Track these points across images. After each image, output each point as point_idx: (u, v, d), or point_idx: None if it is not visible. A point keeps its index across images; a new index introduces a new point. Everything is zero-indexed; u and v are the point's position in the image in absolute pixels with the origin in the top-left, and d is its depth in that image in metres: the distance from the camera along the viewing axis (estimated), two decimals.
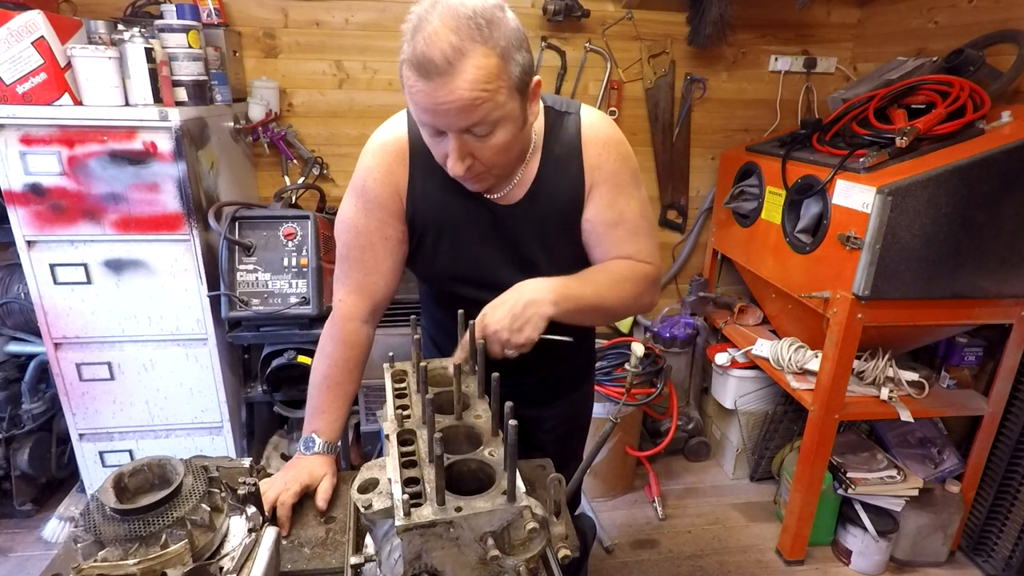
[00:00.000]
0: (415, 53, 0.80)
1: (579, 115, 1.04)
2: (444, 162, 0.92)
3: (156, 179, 1.76)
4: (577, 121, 1.03)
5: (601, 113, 1.07)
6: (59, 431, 2.19)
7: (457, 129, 0.86)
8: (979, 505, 2.09)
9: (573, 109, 1.05)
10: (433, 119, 0.86)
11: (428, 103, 0.83)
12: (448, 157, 0.89)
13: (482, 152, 0.89)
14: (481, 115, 0.84)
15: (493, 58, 0.81)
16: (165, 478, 0.70)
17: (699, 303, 2.64)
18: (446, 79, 0.80)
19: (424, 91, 0.82)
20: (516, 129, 0.91)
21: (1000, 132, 1.66)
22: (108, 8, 2.09)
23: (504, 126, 0.88)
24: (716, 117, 2.62)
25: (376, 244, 1.06)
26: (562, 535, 0.75)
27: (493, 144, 0.89)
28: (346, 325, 1.09)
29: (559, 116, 1.04)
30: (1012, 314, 1.82)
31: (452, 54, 0.79)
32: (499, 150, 0.90)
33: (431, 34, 0.79)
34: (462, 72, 0.80)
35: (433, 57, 0.79)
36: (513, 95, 0.86)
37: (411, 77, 0.82)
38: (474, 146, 0.88)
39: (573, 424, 1.38)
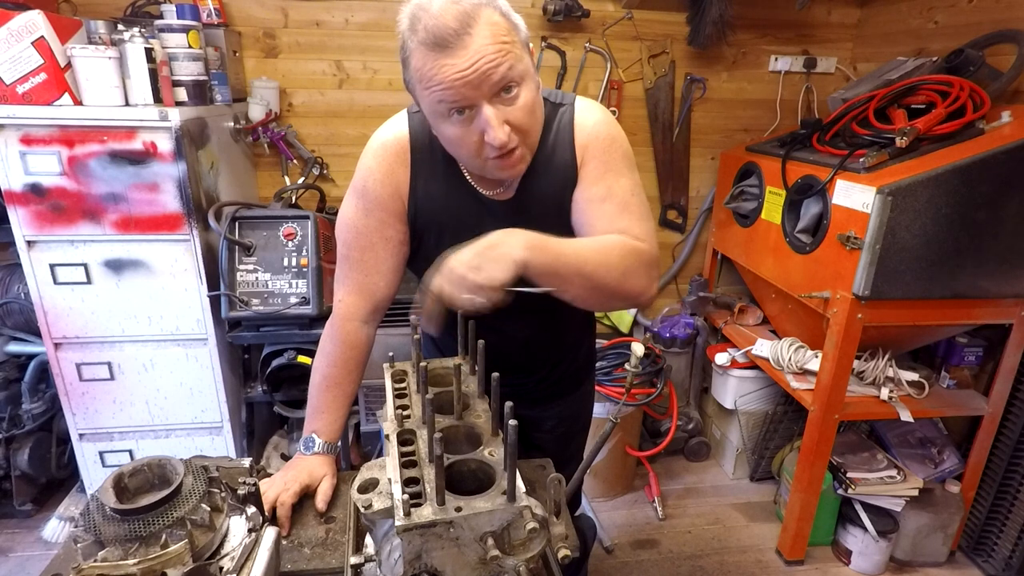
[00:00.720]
0: (427, 33, 0.81)
1: (573, 106, 1.04)
2: (475, 152, 0.90)
3: (156, 179, 1.76)
4: (571, 112, 1.03)
5: (594, 102, 1.07)
6: (59, 431, 2.19)
7: (489, 93, 0.85)
8: (979, 505, 2.09)
9: (567, 101, 1.05)
10: (463, 92, 0.83)
11: (454, 75, 0.82)
12: (487, 132, 0.87)
13: (515, 115, 0.89)
14: (507, 68, 0.84)
15: (499, 15, 0.85)
16: (165, 478, 0.70)
17: (699, 303, 2.64)
18: (466, 41, 0.81)
19: (448, 64, 0.82)
20: (535, 88, 0.92)
21: (1000, 132, 1.66)
22: (108, 8, 2.09)
23: (527, 83, 0.89)
24: (716, 117, 2.62)
25: (376, 244, 1.06)
26: (562, 535, 0.75)
27: (523, 104, 0.89)
28: (346, 325, 1.09)
29: (554, 108, 1.04)
30: (1012, 314, 1.82)
31: (465, 18, 0.81)
32: (528, 111, 0.90)
33: (438, 11, 0.81)
34: (479, 30, 0.82)
35: (448, 25, 0.81)
36: (525, 50, 0.89)
37: (428, 59, 0.83)
38: (506, 111, 0.88)
39: (573, 424, 1.38)
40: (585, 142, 1.02)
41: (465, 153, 0.93)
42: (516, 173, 0.97)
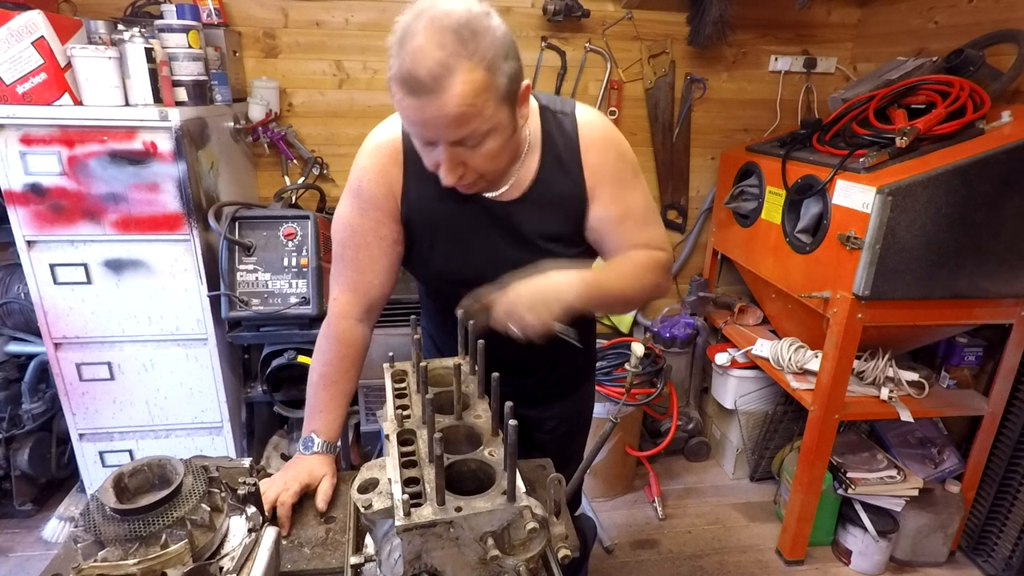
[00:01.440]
0: (401, 70, 0.80)
1: (574, 115, 1.04)
2: (435, 169, 0.93)
3: (156, 179, 1.76)
4: (573, 122, 1.04)
5: (595, 111, 1.07)
6: (59, 431, 2.19)
7: (447, 141, 0.87)
8: (979, 505, 2.09)
9: (568, 109, 1.05)
10: (422, 132, 0.87)
11: (416, 118, 0.84)
12: (440, 167, 0.90)
13: (473, 160, 0.90)
14: (470, 129, 0.85)
15: (479, 72, 0.81)
16: (165, 478, 0.70)
17: (699, 303, 2.64)
18: (433, 96, 0.80)
19: (411, 107, 0.83)
20: (506, 136, 0.91)
21: (1000, 132, 1.66)
22: (108, 8, 2.09)
23: (494, 135, 0.89)
24: (716, 117, 2.62)
25: (371, 243, 1.06)
26: (562, 535, 0.75)
27: (484, 152, 0.89)
28: (341, 323, 1.10)
29: (554, 116, 1.04)
30: (1012, 314, 1.82)
31: (438, 70, 0.79)
32: (490, 158, 0.91)
33: (416, 50, 0.79)
34: (449, 88, 0.80)
35: (419, 75, 0.79)
36: (501, 106, 0.87)
37: (398, 93, 0.83)
38: (465, 155, 0.89)
39: (573, 424, 1.38)
40: (597, 165, 1.03)
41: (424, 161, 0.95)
42: (473, 191, 0.99)
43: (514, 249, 1.05)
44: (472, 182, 0.94)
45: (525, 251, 1.05)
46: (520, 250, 1.05)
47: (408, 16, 0.82)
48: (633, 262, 1.06)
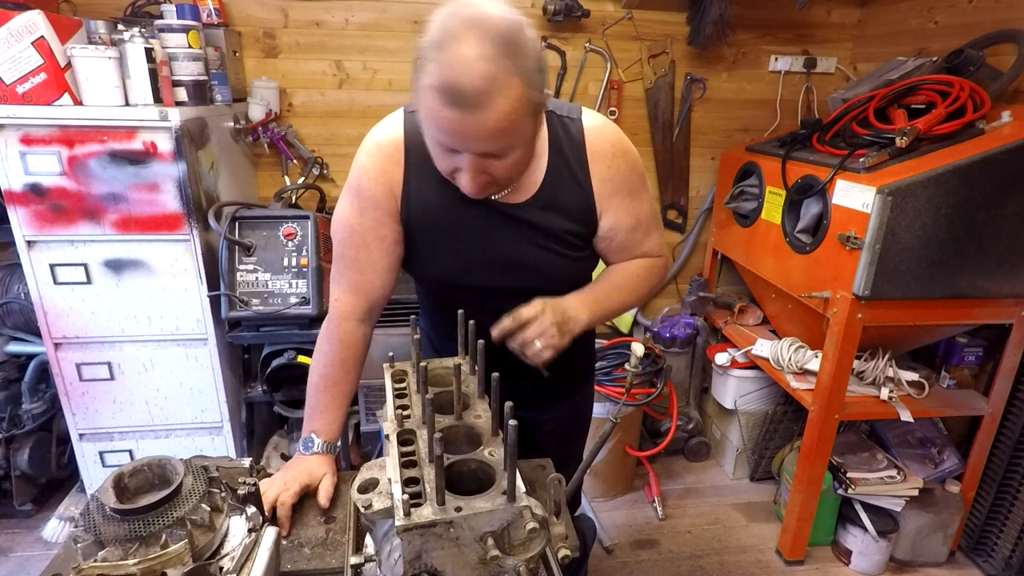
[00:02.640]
0: (445, 80, 0.77)
1: (581, 121, 1.04)
2: (450, 174, 0.93)
3: (156, 179, 1.76)
4: (580, 127, 1.04)
5: (603, 118, 1.07)
6: (59, 431, 2.19)
7: (477, 153, 0.86)
8: (979, 505, 2.09)
9: (575, 115, 1.05)
10: (453, 143, 0.85)
11: (453, 130, 0.82)
12: (462, 174, 0.89)
13: (496, 169, 0.90)
14: (505, 143, 0.85)
15: (520, 88, 0.80)
16: (165, 478, 0.70)
17: (699, 303, 2.64)
18: (475, 111, 0.78)
19: (450, 119, 0.80)
20: (530, 146, 0.92)
21: (1000, 132, 1.66)
22: (108, 8, 2.09)
23: (520, 147, 0.89)
24: (716, 117, 2.62)
25: (371, 243, 1.06)
26: (562, 535, 0.75)
27: (508, 163, 0.89)
28: (342, 324, 1.09)
29: (561, 120, 1.04)
30: (1012, 314, 1.82)
31: (485, 86, 0.77)
32: (512, 167, 0.91)
33: (462, 60, 0.76)
34: (493, 105, 0.78)
35: (465, 88, 0.77)
36: (531, 118, 0.87)
37: (435, 101, 0.79)
38: (489, 165, 0.88)
39: (573, 425, 1.38)
40: (607, 175, 1.04)
41: (438, 166, 0.95)
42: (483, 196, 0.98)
43: (516, 252, 1.05)
44: (487, 186, 0.94)
45: (528, 254, 1.05)
46: (522, 253, 1.05)
47: (448, 18, 0.79)
48: (630, 274, 1.12)
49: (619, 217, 1.07)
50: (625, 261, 1.14)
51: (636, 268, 1.13)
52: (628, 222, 1.08)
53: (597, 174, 1.04)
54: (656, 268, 1.15)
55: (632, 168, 1.07)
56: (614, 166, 1.04)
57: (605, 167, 1.04)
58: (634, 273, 1.12)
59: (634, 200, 1.07)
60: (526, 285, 1.05)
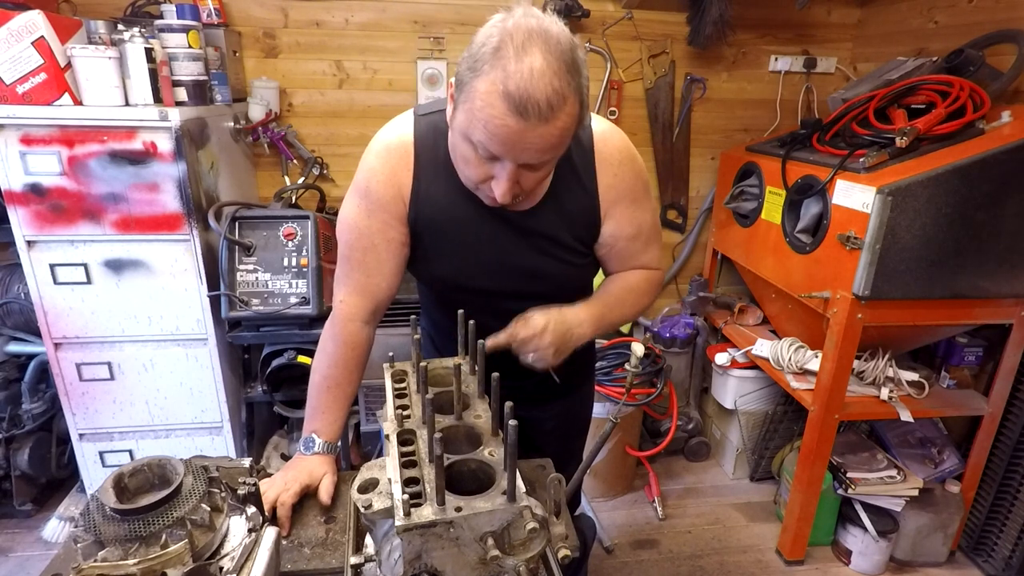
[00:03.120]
0: (516, 87, 0.76)
1: (591, 127, 1.04)
2: (477, 183, 0.91)
3: (156, 179, 1.76)
4: (589, 134, 1.03)
5: (611, 125, 1.07)
6: (59, 431, 2.19)
7: (521, 163, 0.85)
8: (979, 505, 2.09)
9: (585, 120, 1.04)
10: (504, 151, 0.83)
11: (511, 139, 0.80)
12: (496, 183, 0.88)
13: (528, 180, 0.89)
14: (552, 155, 0.86)
15: (577, 106, 0.82)
16: (165, 478, 0.70)
17: (699, 303, 2.64)
18: (541, 124, 0.79)
19: (512, 128, 0.79)
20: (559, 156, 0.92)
21: (1000, 132, 1.66)
22: (108, 8, 2.09)
23: (555, 159, 0.90)
24: (716, 117, 2.62)
25: (378, 246, 1.06)
26: (562, 535, 0.75)
27: (541, 175, 0.90)
28: (347, 326, 1.09)
29: None
30: (1012, 314, 1.82)
31: (556, 100, 0.78)
32: (543, 178, 0.92)
33: (536, 71, 0.76)
34: (557, 120, 0.80)
35: (538, 99, 0.77)
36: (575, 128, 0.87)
37: (499, 106, 0.78)
38: (523, 175, 0.88)
39: (573, 425, 1.38)
40: (612, 182, 1.04)
41: (464, 175, 0.94)
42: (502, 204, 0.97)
43: (523, 257, 1.05)
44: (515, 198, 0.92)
45: (535, 259, 1.05)
46: (530, 258, 1.05)
47: (512, 28, 0.78)
48: (630, 287, 1.13)
49: (621, 224, 1.07)
50: (624, 271, 1.15)
51: (638, 281, 1.14)
52: (629, 230, 1.08)
53: (603, 180, 1.04)
54: (655, 281, 1.17)
55: (637, 176, 1.07)
56: (620, 173, 1.04)
57: (611, 174, 1.04)
58: (636, 287, 1.13)
59: (637, 209, 1.08)
60: (530, 289, 1.06)
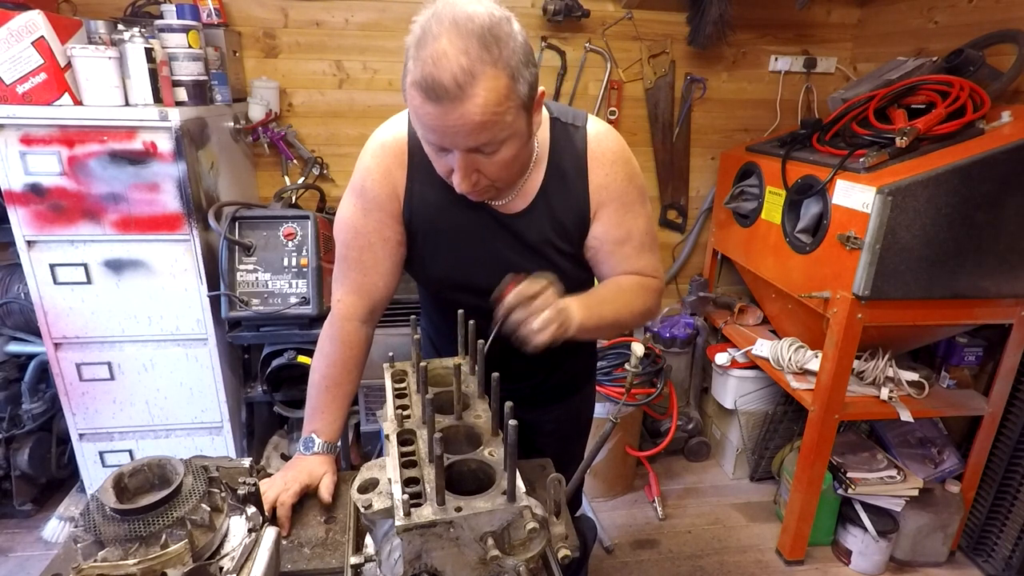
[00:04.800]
0: (423, 75, 0.78)
1: (585, 129, 1.03)
2: (447, 176, 0.92)
3: (156, 179, 1.76)
4: (584, 135, 1.03)
5: (607, 127, 1.06)
6: (59, 431, 2.19)
7: (464, 149, 0.85)
8: (979, 505, 2.09)
9: (580, 122, 1.04)
10: (440, 139, 0.85)
11: (436, 124, 0.82)
12: (454, 174, 0.89)
13: (488, 167, 0.89)
14: (489, 136, 0.83)
15: (503, 79, 0.80)
16: (165, 478, 0.70)
17: (699, 303, 2.64)
18: (456, 104, 0.78)
19: (432, 113, 0.80)
20: (522, 143, 0.90)
21: (1000, 132, 1.66)
22: (108, 8, 2.09)
23: (510, 143, 0.87)
24: (716, 117, 2.62)
25: (375, 245, 1.06)
26: (562, 535, 0.75)
27: (499, 160, 0.88)
28: (345, 325, 1.09)
29: (565, 128, 1.03)
30: (1012, 314, 1.82)
31: (463, 77, 0.77)
32: (504, 165, 0.90)
33: (439, 54, 0.76)
34: (473, 96, 0.78)
35: (443, 80, 0.76)
36: (520, 113, 0.86)
37: (417, 98, 0.80)
38: (480, 162, 0.88)
39: (573, 427, 1.38)
40: (603, 183, 1.02)
41: (435, 167, 0.94)
42: (483, 199, 0.97)
43: (517, 259, 1.05)
44: (484, 188, 0.93)
45: (528, 262, 1.05)
46: (523, 260, 1.05)
47: (428, 17, 0.80)
48: (622, 289, 1.07)
49: (608, 226, 1.04)
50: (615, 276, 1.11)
51: (629, 283, 1.09)
52: (618, 233, 1.05)
53: (594, 180, 1.02)
54: (650, 288, 1.10)
55: (630, 179, 1.05)
56: (611, 173, 1.03)
57: (603, 173, 1.02)
58: (627, 287, 1.08)
59: (628, 213, 1.05)
60: None
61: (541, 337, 0.86)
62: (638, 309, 1.07)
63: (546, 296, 0.88)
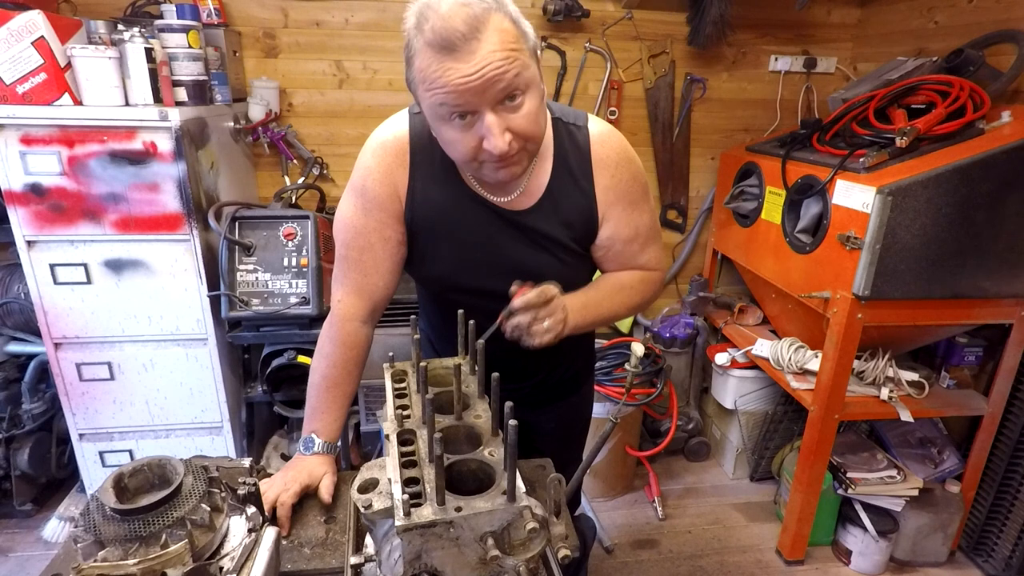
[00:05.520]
0: (434, 34, 0.80)
1: (587, 129, 1.04)
2: (471, 156, 0.89)
3: (156, 179, 1.76)
4: (586, 135, 1.03)
5: (608, 127, 1.07)
6: (59, 431, 2.19)
7: (493, 101, 0.84)
8: (979, 505, 2.09)
9: (581, 122, 1.04)
10: (466, 100, 0.83)
11: (460, 82, 0.81)
12: (487, 139, 0.86)
13: (517, 123, 0.87)
14: (514, 75, 0.83)
15: (509, 22, 0.83)
16: (165, 478, 0.70)
17: (699, 303, 2.64)
18: (473, 46, 0.79)
19: (453, 68, 0.80)
20: (540, 97, 0.90)
21: (1000, 132, 1.66)
22: (108, 8, 2.09)
23: (532, 92, 0.87)
24: (716, 117, 2.62)
25: (375, 244, 1.06)
26: (562, 535, 0.75)
27: (526, 112, 0.87)
28: (345, 326, 1.09)
29: (567, 128, 1.04)
30: (1012, 314, 1.82)
31: (474, 21, 0.79)
32: (532, 118, 0.88)
33: (445, 13, 0.79)
34: (488, 36, 0.80)
35: (457, 27, 0.79)
36: (532, 59, 0.87)
37: (434, 61, 0.81)
38: (509, 119, 0.86)
39: (572, 426, 1.38)
40: (609, 184, 1.04)
41: (461, 156, 0.91)
42: (513, 176, 0.94)
43: (518, 256, 1.05)
44: (517, 153, 0.90)
45: (529, 259, 1.05)
46: (524, 257, 1.05)
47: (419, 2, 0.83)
48: (621, 286, 1.10)
49: (618, 227, 1.07)
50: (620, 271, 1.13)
51: (630, 279, 1.12)
52: (627, 232, 1.08)
53: (600, 182, 1.03)
54: (651, 281, 1.14)
55: (635, 178, 1.06)
56: (617, 175, 1.04)
57: (608, 175, 1.03)
58: (628, 284, 1.11)
59: (635, 211, 1.07)
60: None
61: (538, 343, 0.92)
62: (635, 303, 1.12)
63: (552, 307, 0.91)
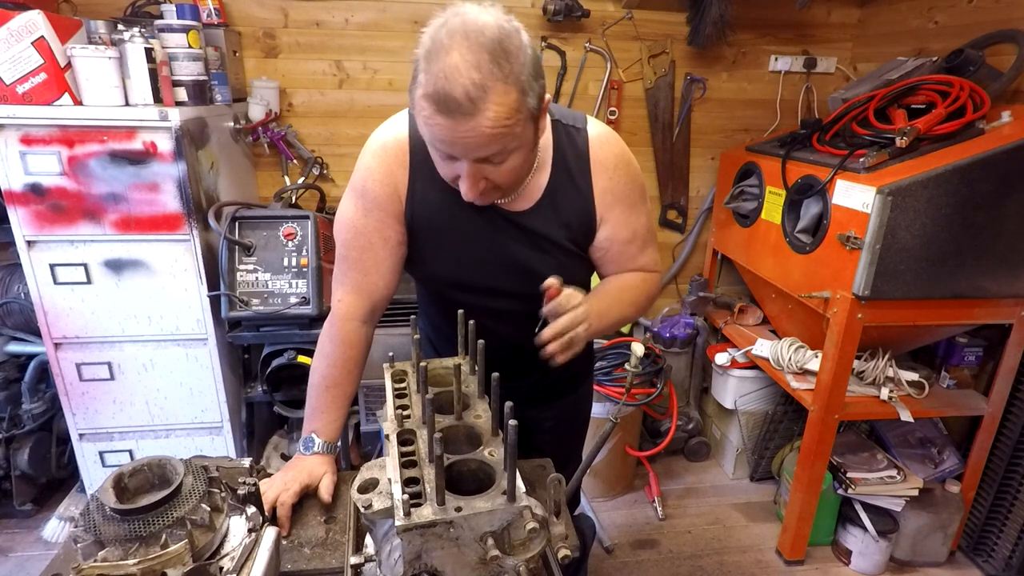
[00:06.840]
0: (435, 88, 0.78)
1: (586, 131, 1.05)
2: (453, 181, 0.93)
3: (156, 179, 1.76)
4: (585, 138, 1.04)
5: (607, 128, 1.08)
6: (59, 431, 2.19)
7: (473, 159, 0.86)
8: (979, 505, 2.09)
9: (580, 124, 1.05)
10: (449, 149, 0.86)
11: (446, 136, 0.83)
12: (461, 181, 0.90)
13: (495, 175, 0.90)
14: (499, 147, 0.85)
15: (513, 94, 0.81)
16: (165, 478, 0.70)
17: (699, 303, 2.64)
18: (467, 117, 0.79)
19: (443, 125, 0.81)
20: (528, 151, 0.92)
21: (1000, 132, 1.66)
22: (108, 8, 2.09)
23: (518, 152, 0.89)
24: (716, 117, 2.62)
25: (375, 244, 1.06)
26: (562, 535, 0.75)
27: (506, 168, 0.90)
28: (345, 325, 1.09)
29: (566, 130, 1.04)
30: (1012, 314, 1.82)
31: (474, 92, 0.77)
32: (511, 172, 0.91)
33: (451, 69, 0.77)
34: (484, 111, 0.79)
35: (455, 95, 0.77)
36: (529, 124, 0.87)
37: (428, 109, 0.81)
38: (487, 171, 0.89)
39: (572, 425, 1.38)
40: (608, 186, 1.05)
41: (442, 175, 0.95)
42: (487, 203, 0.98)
43: (517, 256, 1.05)
44: (489, 193, 0.94)
45: (528, 259, 1.05)
46: (523, 257, 1.06)
47: (437, 28, 0.80)
48: (626, 287, 1.12)
49: (616, 228, 1.07)
50: (619, 273, 1.14)
51: (636, 281, 1.13)
52: (624, 234, 1.09)
53: (599, 184, 1.04)
54: (652, 282, 1.16)
55: (633, 181, 1.07)
56: (616, 177, 1.05)
57: (607, 178, 1.04)
58: (634, 286, 1.13)
59: (632, 213, 1.08)
60: (525, 288, 1.05)
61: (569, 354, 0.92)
62: (641, 304, 1.14)
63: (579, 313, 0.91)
